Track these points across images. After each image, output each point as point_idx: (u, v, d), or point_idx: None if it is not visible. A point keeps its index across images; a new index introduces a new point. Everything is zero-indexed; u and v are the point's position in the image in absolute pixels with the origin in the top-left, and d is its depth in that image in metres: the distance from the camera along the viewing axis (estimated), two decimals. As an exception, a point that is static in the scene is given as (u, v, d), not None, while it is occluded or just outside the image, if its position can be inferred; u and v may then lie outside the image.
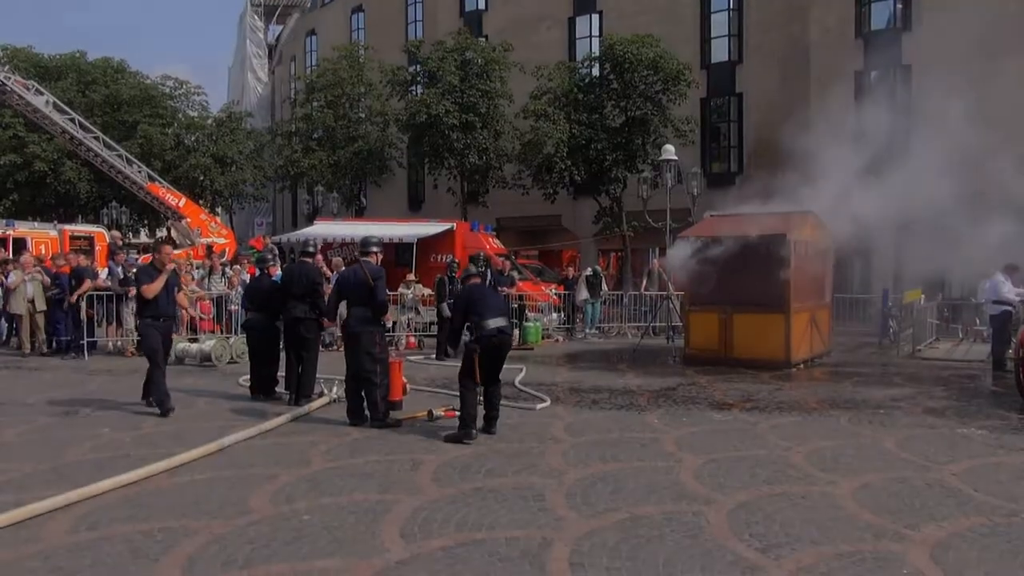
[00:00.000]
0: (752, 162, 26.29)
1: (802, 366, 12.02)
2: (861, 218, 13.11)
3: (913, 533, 4.64)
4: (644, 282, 18.10)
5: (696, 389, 10.03)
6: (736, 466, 6.13)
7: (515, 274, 17.40)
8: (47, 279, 13.68)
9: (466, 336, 7.53)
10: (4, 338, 15.29)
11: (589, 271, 18.23)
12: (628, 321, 18.11)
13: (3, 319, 15.44)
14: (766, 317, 11.84)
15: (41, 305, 13.52)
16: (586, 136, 23.16)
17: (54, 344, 13.68)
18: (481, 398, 7.28)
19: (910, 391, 9.86)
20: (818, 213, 12.80)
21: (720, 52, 27.79)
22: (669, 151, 18.88)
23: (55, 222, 25.03)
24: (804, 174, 13.27)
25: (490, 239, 20.29)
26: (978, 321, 15.20)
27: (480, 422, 7.23)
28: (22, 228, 22.18)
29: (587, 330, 17.46)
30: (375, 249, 8.01)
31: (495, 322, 7.15)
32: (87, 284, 13.40)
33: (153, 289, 8.06)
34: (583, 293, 17.63)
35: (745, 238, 12.03)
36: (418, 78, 27.00)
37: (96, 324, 13.65)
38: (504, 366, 7.47)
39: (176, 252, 22.84)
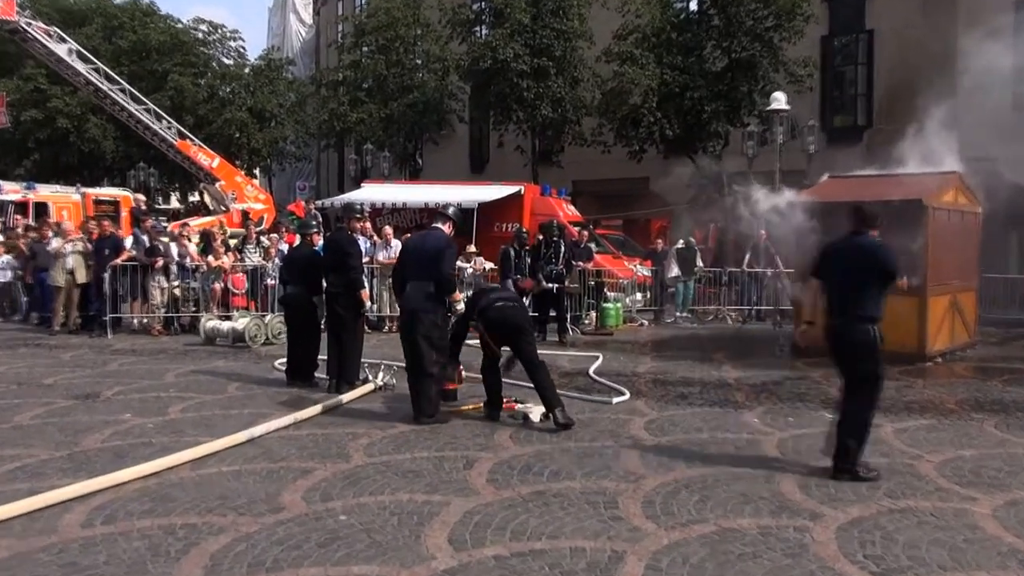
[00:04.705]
0: (883, 113, 25.34)
1: (940, 360, 11.62)
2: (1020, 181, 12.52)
3: (1069, 562, 4.45)
4: (748, 257, 17.75)
5: (806, 384, 9.82)
6: (851, 475, 5.98)
7: (592, 246, 17.33)
8: (89, 247, 14.14)
9: None
10: (24, 314, 16.07)
11: (681, 244, 17.99)
12: (727, 303, 17.82)
13: (22, 292, 16.26)
14: (897, 300, 11.35)
15: (81, 277, 13.93)
16: (680, 83, 22.73)
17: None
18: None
19: (1075, 392, 9.42)
20: (964, 175, 12.30)
21: (847, -20, 26.85)
22: (779, 100, 18.44)
23: (78, 185, 26.16)
24: (947, 127, 12.74)
25: (564, 205, 20.21)
26: None
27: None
28: (43, 192, 23.32)
29: (677, 313, 17.28)
30: (452, 217, 8.11)
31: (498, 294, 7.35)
32: (125, 254, 14.00)
33: None
34: (673, 270, 17.42)
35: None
36: (483, 17, 26.99)
37: (120, 299, 14.14)
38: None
39: (208, 219, 23.71)
